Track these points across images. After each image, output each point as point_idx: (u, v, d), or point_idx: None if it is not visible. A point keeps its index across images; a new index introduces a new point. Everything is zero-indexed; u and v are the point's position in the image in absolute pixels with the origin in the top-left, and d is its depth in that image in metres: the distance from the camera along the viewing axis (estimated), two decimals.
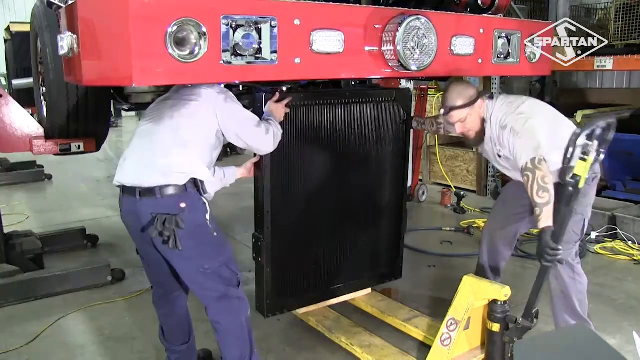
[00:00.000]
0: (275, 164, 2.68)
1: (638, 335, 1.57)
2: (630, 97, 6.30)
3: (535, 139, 2.40)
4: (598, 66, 4.91)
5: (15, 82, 5.41)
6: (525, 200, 2.47)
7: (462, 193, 5.83)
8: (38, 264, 3.94)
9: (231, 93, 2.33)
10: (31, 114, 3.46)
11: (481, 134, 2.65)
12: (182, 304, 2.54)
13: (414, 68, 2.23)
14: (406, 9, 2.29)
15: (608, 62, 4.83)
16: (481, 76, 5.55)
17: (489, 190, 6.17)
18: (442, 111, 2.63)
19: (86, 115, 3.25)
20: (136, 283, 3.78)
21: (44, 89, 3.39)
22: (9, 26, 6.63)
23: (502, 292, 2.36)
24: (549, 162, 2.36)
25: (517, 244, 4.45)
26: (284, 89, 2.63)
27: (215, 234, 2.22)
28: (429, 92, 6.12)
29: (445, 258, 4.36)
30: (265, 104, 2.53)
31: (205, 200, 2.20)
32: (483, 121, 2.63)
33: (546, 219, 2.24)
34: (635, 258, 4.20)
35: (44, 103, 3.50)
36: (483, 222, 5.06)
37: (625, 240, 4.53)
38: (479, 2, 2.69)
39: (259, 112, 2.50)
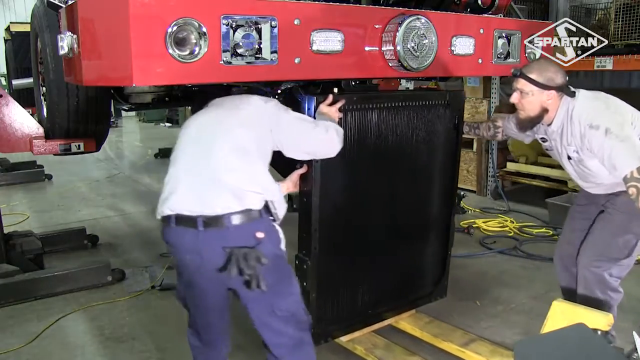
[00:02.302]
0: (325, 175, 2.34)
1: (638, 335, 1.57)
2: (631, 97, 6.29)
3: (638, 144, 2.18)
4: (598, 66, 4.92)
5: (15, 82, 5.42)
6: (593, 212, 2.40)
7: (462, 193, 5.83)
8: (38, 264, 3.94)
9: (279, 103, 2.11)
10: (31, 114, 3.46)
11: (533, 121, 2.42)
12: (225, 349, 2.17)
13: (414, 68, 2.23)
14: (406, 9, 2.29)
15: (608, 62, 4.83)
16: (481, 76, 5.56)
17: (489, 190, 6.17)
18: (513, 70, 2.38)
19: (86, 115, 3.25)
20: (136, 283, 3.78)
21: (44, 89, 3.39)
22: (9, 26, 6.64)
23: (604, 321, 1.97)
24: None
25: (517, 244, 4.47)
26: (335, 90, 2.37)
27: (288, 265, 1.94)
28: None
29: None
30: (315, 109, 2.28)
31: (278, 227, 1.90)
32: (543, 112, 2.37)
33: None
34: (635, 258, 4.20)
35: (44, 103, 3.50)
36: (483, 222, 5.07)
37: None
38: (479, 2, 2.69)
39: None
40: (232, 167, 1.81)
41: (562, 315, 2.09)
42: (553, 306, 2.12)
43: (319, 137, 2.08)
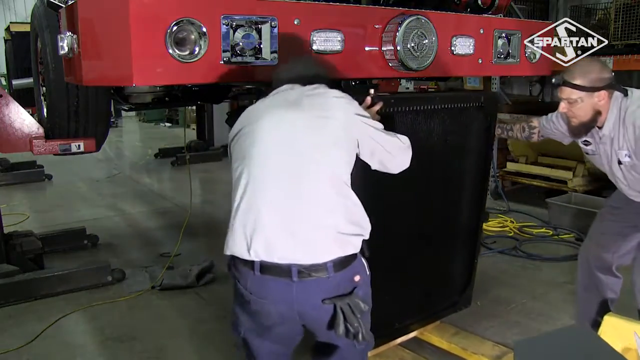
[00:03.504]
0: (360, 184, 2.14)
1: (638, 336, 1.57)
2: None
3: None
4: None
5: (15, 82, 5.42)
6: (629, 218, 2.33)
7: None
8: (38, 264, 3.94)
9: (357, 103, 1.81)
10: (31, 114, 3.45)
11: (587, 126, 2.28)
12: None
13: (414, 68, 2.23)
14: (406, 9, 2.29)
15: (608, 62, 4.82)
16: (481, 76, 5.55)
17: (489, 191, 6.17)
18: (554, 80, 2.26)
19: (86, 115, 3.25)
20: (136, 283, 3.77)
21: (44, 89, 3.39)
22: (9, 26, 6.64)
23: None
24: None
25: (517, 244, 4.47)
26: (372, 91, 2.21)
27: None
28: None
29: None
30: None
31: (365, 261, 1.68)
32: (597, 114, 2.23)
33: None
34: None
35: (44, 103, 3.50)
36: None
37: None
38: (479, 2, 2.69)
39: None
40: (331, 206, 1.54)
41: (615, 331, 1.97)
42: (605, 321, 1.99)
43: (398, 144, 1.80)
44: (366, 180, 2.13)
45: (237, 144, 1.71)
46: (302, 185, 1.54)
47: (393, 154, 1.79)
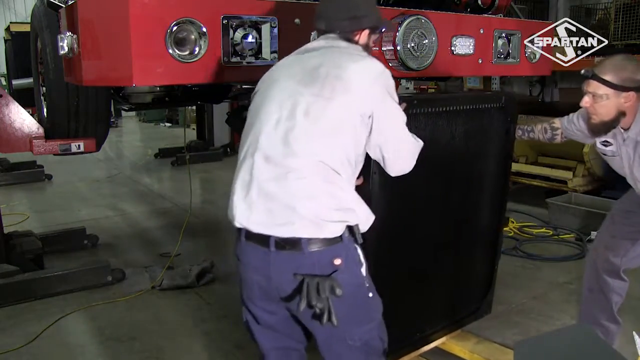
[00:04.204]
0: (383, 189, 2.08)
1: (638, 336, 1.57)
2: None
3: None
4: None
5: (15, 82, 5.42)
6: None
7: None
8: (38, 264, 3.93)
9: (387, 77, 1.65)
10: (31, 114, 3.45)
11: (608, 125, 2.20)
12: (303, 355, 1.91)
13: (414, 68, 2.23)
14: (406, 9, 2.29)
15: None
16: (481, 76, 5.56)
17: None
18: (584, 71, 2.15)
19: (86, 115, 3.25)
20: (136, 283, 3.77)
21: (44, 89, 3.39)
22: (9, 26, 6.65)
23: None
24: None
25: (517, 244, 4.47)
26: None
27: (370, 294, 1.68)
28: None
29: None
30: None
31: (360, 250, 1.64)
32: (620, 115, 2.15)
33: None
34: None
35: (44, 103, 3.50)
36: None
37: None
38: (479, 2, 2.69)
39: None
40: (314, 193, 1.52)
41: None
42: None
43: (407, 139, 1.72)
44: (390, 186, 2.06)
45: (250, 110, 1.71)
46: (289, 168, 1.53)
47: (401, 155, 1.71)
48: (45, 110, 3.44)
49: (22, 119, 3.35)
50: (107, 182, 7.33)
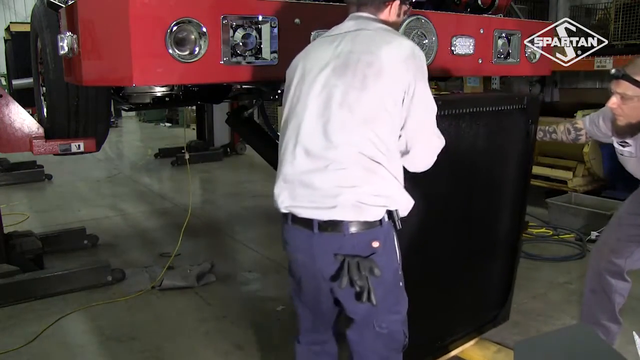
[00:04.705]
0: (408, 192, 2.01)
1: (638, 336, 1.57)
2: None
3: None
4: (598, 66, 4.92)
5: (15, 82, 5.41)
6: None
7: None
8: (38, 264, 3.93)
9: (419, 58, 1.62)
10: (31, 114, 3.45)
11: (635, 128, 2.15)
12: (333, 344, 2.00)
13: None
14: None
15: (608, 62, 4.83)
16: (481, 76, 5.56)
17: None
18: (614, 71, 2.08)
19: (86, 115, 3.25)
20: (136, 283, 3.77)
21: (44, 89, 3.39)
22: (9, 26, 6.64)
23: None
24: None
25: None
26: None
27: (401, 283, 1.75)
28: None
29: None
30: None
31: (397, 237, 1.71)
32: None
33: None
34: None
35: (44, 103, 3.50)
36: None
37: None
38: (479, 2, 2.69)
39: None
40: (354, 182, 1.56)
41: None
42: None
43: (434, 132, 1.69)
44: (415, 191, 1.95)
45: (285, 102, 1.72)
46: (329, 160, 1.57)
47: (429, 149, 1.70)
48: (45, 110, 3.43)
49: (22, 119, 3.35)
50: (107, 182, 7.33)
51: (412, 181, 1.76)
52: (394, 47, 1.58)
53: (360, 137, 1.55)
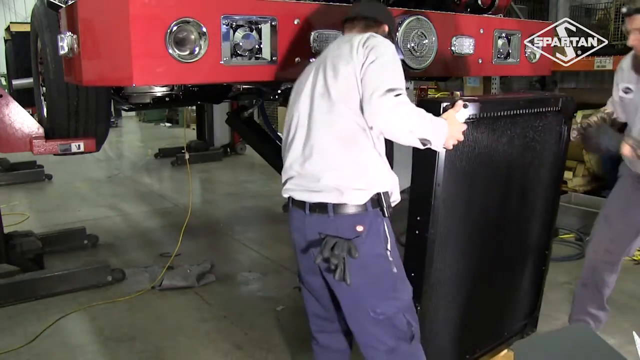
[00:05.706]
0: (445, 202, 1.97)
1: (638, 336, 1.57)
2: None
3: None
4: (598, 66, 4.92)
5: (15, 82, 5.42)
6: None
7: None
8: (38, 264, 3.93)
9: (377, 40, 1.71)
10: (31, 114, 3.45)
11: None
12: (341, 339, 2.08)
13: (414, 68, 2.23)
14: (406, 9, 2.29)
15: (608, 62, 4.83)
16: (481, 76, 5.56)
17: None
18: (624, 9, 2.15)
19: (86, 115, 3.25)
20: (136, 283, 3.77)
21: (44, 89, 3.39)
22: (9, 26, 6.65)
23: None
24: None
25: None
26: (458, 93, 1.97)
27: (395, 269, 1.79)
28: (428, 93, 6.13)
29: None
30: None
31: (387, 224, 1.78)
32: None
33: None
34: (635, 258, 4.20)
35: (44, 103, 3.50)
36: None
37: None
38: (479, 2, 2.69)
39: None
40: (335, 165, 1.70)
41: None
42: None
43: (402, 99, 1.61)
44: (454, 197, 1.98)
45: (289, 102, 1.90)
46: (312, 146, 1.73)
47: (387, 116, 1.63)
48: (45, 110, 3.43)
49: (22, 119, 3.35)
50: (107, 182, 7.33)
51: (453, 190, 1.81)
52: (361, 35, 1.74)
53: (335, 117, 1.69)
